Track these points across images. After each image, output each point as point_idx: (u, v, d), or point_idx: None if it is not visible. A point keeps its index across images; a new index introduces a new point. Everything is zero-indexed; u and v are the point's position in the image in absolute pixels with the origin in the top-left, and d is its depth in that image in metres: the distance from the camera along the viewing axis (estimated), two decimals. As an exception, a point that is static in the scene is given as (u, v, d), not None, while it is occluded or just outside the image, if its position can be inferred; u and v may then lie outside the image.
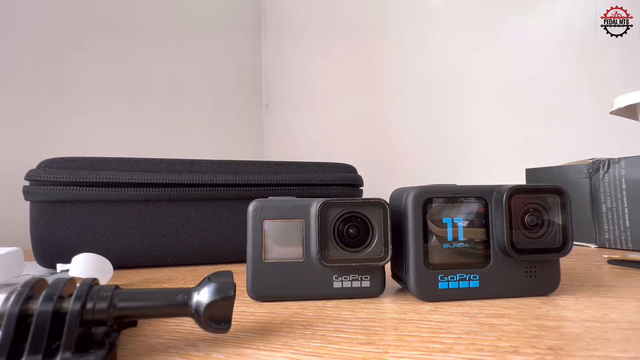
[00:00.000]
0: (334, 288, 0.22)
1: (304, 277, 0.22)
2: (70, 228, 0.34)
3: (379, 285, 0.23)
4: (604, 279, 0.27)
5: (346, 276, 0.22)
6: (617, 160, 0.42)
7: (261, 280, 0.22)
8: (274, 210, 0.22)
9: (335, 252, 0.22)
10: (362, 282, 0.22)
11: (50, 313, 0.14)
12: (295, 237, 0.22)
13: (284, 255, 0.22)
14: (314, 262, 0.22)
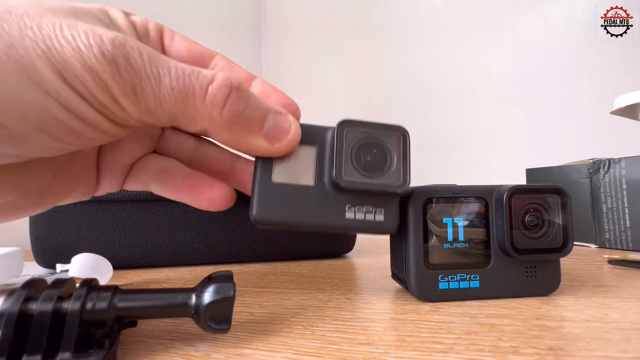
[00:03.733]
0: (347, 219, 0.20)
1: (315, 203, 0.20)
2: (70, 228, 0.34)
3: (393, 220, 0.21)
4: (604, 279, 0.27)
5: (360, 206, 0.20)
6: (618, 160, 0.42)
7: (268, 201, 0.20)
8: None
9: (352, 174, 0.20)
10: (376, 215, 0.20)
11: (50, 313, 0.14)
12: (307, 162, 0.21)
13: (294, 178, 0.20)
14: (327, 188, 0.20)
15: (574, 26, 0.74)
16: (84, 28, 0.16)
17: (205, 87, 0.17)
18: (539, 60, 0.75)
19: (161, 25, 0.22)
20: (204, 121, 0.17)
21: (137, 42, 0.17)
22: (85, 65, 0.15)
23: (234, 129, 0.18)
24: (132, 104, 0.16)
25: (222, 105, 0.17)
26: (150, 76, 0.16)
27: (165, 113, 0.17)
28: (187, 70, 0.17)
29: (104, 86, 0.16)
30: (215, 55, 0.23)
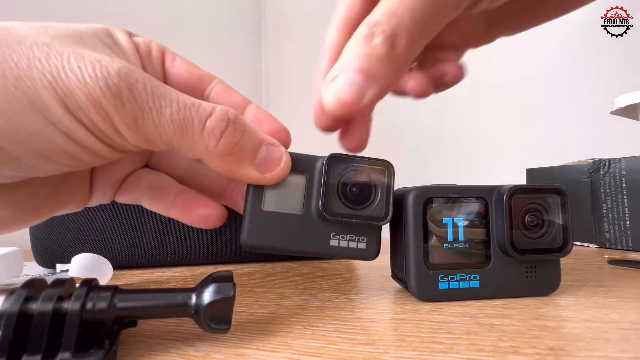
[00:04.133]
0: (331, 246, 0.22)
1: (302, 230, 0.21)
2: (70, 228, 0.34)
3: (374, 249, 0.22)
4: (604, 279, 0.27)
5: (344, 235, 0.22)
6: (618, 160, 0.42)
7: (258, 228, 0.21)
8: None
9: (337, 206, 0.21)
10: (358, 243, 0.22)
11: (50, 313, 0.14)
12: (296, 191, 0.22)
13: (283, 206, 0.22)
14: (314, 217, 0.22)
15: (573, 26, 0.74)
16: (91, 58, 0.16)
17: (204, 121, 0.18)
18: (539, 60, 0.75)
19: (163, 47, 0.22)
20: (200, 151, 0.18)
21: (141, 73, 0.17)
22: (89, 97, 0.15)
23: (228, 160, 0.19)
24: (132, 133, 0.17)
25: (218, 138, 0.18)
26: (152, 108, 0.17)
27: (163, 142, 0.17)
28: (189, 103, 0.17)
29: (107, 117, 0.16)
30: (214, 79, 0.23)
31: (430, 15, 0.17)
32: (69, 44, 0.16)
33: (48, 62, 0.15)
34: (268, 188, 0.21)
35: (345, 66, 0.18)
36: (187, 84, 0.22)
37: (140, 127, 0.17)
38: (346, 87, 0.18)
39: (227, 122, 0.18)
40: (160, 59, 0.22)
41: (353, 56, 0.18)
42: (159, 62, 0.22)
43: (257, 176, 0.20)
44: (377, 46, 0.17)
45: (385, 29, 0.17)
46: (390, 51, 0.17)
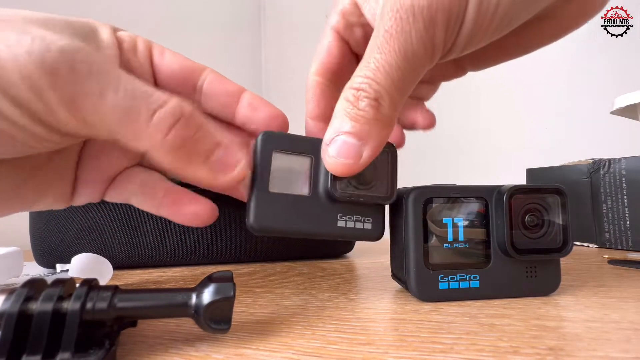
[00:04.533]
0: (338, 227, 0.22)
1: (310, 212, 0.21)
2: (70, 228, 0.34)
3: (380, 229, 0.22)
4: (604, 279, 0.27)
5: (350, 216, 0.22)
6: (618, 160, 0.42)
7: (265, 210, 0.21)
8: (285, 143, 0.22)
9: (344, 186, 0.21)
10: (364, 223, 0.22)
11: (50, 313, 0.14)
12: (303, 172, 0.22)
13: (290, 188, 0.21)
14: (321, 198, 0.22)
15: (574, 26, 0.74)
16: (36, 34, 0.15)
17: (153, 111, 0.17)
18: (539, 59, 0.75)
19: (150, 41, 0.22)
20: (144, 143, 0.17)
21: (92, 55, 0.16)
22: (20, 71, 0.15)
23: (177, 155, 0.18)
24: (68, 114, 0.16)
25: (166, 131, 0.17)
26: (94, 91, 0.16)
27: (105, 128, 0.17)
28: (139, 91, 0.17)
29: (39, 94, 0.15)
30: (205, 69, 0.23)
31: (406, 76, 0.18)
32: (29, 23, 0.16)
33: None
34: (274, 169, 0.21)
35: (339, 130, 0.19)
36: (179, 77, 0.22)
37: (78, 109, 0.16)
38: (344, 150, 0.19)
39: (179, 117, 0.17)
40: (147, 53, 0.22)
41: (344, 119, 0.19)
42: (146, 57, 0.22)
43: (207, 176, 0.19)
44: (363, 109, 0.18)
45: (369, 94, 0.18)
46: (376, 112, 0.18)
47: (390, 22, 0.17)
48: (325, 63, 0.24)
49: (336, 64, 0.24)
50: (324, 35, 0.25)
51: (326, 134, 0.19)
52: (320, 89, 0.25)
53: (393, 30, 0.17)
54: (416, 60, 0.18)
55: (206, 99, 0.23)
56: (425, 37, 0.17)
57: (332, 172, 0.20)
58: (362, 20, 0.23)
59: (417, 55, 0.18)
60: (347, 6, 0.23)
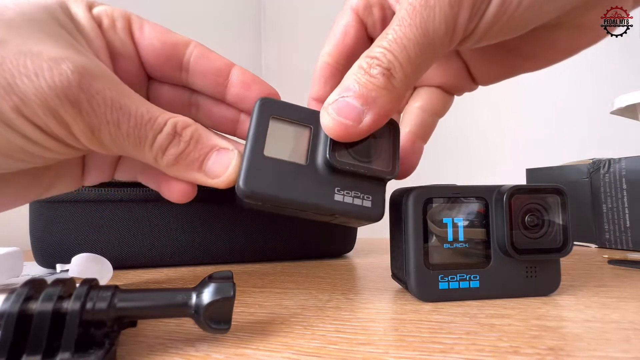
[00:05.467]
0: (335, 201, 0.20)
1: (305, 181, 0.20)
2: (70, 228, 0.34)
3: (380, 208, 0.21)
4: (604, 279, 0.27)
5: (349, 191, 0.20)
6: (618, 160, 0.42)
7: (257, 173, 0.19)
8: (284, 110, 0.21)
9: (344, 155, 0.20)
10: (364, 200, 0.21)
11: (50, 313, 0.14)
12: (301, 141, 0.21)
13: (286, 154, 0.20)
14: (319, 168, 0.20)
15: (574, 26, 0.74)
16: (49, 60, 0.16)
17: (156, 136, 0.18)
18: (539, 60, 0.76)
19: (129, 14, 0.22)
20: (149, 161, 0.19)
21: (105, 82, 0.17)
22: (46, 105, 0.16)
23: (175, 169, 0.20)
24: (88, 140, 0.17)
25: (164, 151, 0.19)
26: (110, 121, 0.17)
27: (117, 149, 0.18)
28: (145, 118, 0.18)
29: (64, 124, 0.16)
30: (190, 42, 0.23)
31: (423, 52, 0.18)
32: (25, 36, 0.16)
33: (2, 66, 0.15)
34: (271, 132, 0.20)
35: (345, 91, 0.18)
36: (162, 55, 0.22)
37: (96, 136, 0.17)
38: (345, 110, 0.18)
39: (173, 135, 0.19)
40: (126, 28, 0.21)
41: (352, 82, 0.18)
42: (126, 33, 0.21)
43: (205, 180, 0.20)
44: (375, 76, 0.18)
45: (382, 63, 0.18)
46: (386, 82, 0.18)
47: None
48: (339, 44, 0.23)
49: (350, 47, 0.24)
50: (341, 15, 0.24)
51: (331, 95, 0.19)
52: (329, 71, 0.24)
53: (417, 4, 0.17)
54: (435, 38, 0.17)
55: (194, 77, 0.23)
56: (449, 14, 0.17)
57: (328, 131, 0.19)
58: (383, 1, 0.22)
59: (438, 33, 0.17)
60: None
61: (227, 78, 0.23)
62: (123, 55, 0.21)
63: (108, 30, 0.21)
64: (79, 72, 0.16)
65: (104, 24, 0.21)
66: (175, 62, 0.22)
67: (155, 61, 0.22)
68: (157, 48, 0.22)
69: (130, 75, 0.22)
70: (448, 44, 0.18)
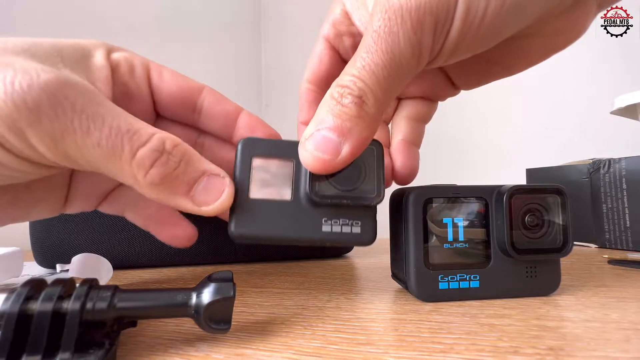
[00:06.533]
0: (323, 232, 0.20)
1: (292, 217, 0.20)
2: (70, 228, 0.34)
3: (370, 232, 0.21)
4: (604, 279, 0.27)
5: (336, 220, 0.21)
6: (618, 160, 0.42)
7: (245, 217, 0.20)
8: (265, 148, 0.21)
9: (325, 188, 0.20)
10: (352, 227, 0.21)
11: (50, 313, 0.14)
12: (284, 177, 0.21)
13: (271, 193, 0.21)
14: (304, 202, 0.21)
15: (574, 26, 0.74)
16: (18, 68, 0.15)
17: (136, 149, 0.17)
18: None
19: (148, 61, 0.22)
20: (128, 179, 0.17)
21: (77, 89, 0.16)
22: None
23: (158, 190, 0.18)
24: (48, 150, 0.16)
25: (147, 168, 0.17)
26: (77, 128, 0.16)
27: (88, 163, 0.17)
28: (123, 128, 0.17)
29: (18, 131, 0.15)
30: (204, 88, 0.23)
31: (392, 76, 0.18)
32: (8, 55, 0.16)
33: None
34: (255, 175, 0.20)
35: (320, 124, 0.18)
36: (179, 99, 0.23)
37: (59, 145, 0.16)
38: (322, 144, 0.18)
39: (160, 152, 0.17)
40: (144, 75, 0.22)
41: (326, 114, 0.18)
42: (143, 79, 0.22)
43: (191, 207, 0.19)
44: (347, 105, 0.18)
45: (353, 91, 0.18)
46: (359, 110, 0.18)
47: (379, 22, 0.17)
48: (316, 71, 0.25)
49: (327, 72, 0.25)
50: (316, 43, 0.25)
51: (306, 130, 0.19)
52: (311, 95, 0.25)
53: (381, 31, 0.17)
54: (403, 62, 0.18)
55: (205, 119, 0.24)
56: (413, 39, 0.17)
57: (308, 167, 0.19)
58: (352, 30, 0.23)
59: (405, 56, 0.17)
60: (337, 16, 0.23)
61: (236, 121, 0.24)
62: (136, 97, 0.22)
63: (125, 75, 0.21)
64: (47, 77, 0.15)
65: (121, 67, 0.21)
66: (190, 105, 0.23)
67: (170, 103, 0.23)
68: (174, 93, 0.22)
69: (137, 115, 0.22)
70: (416, 66, 0.18)
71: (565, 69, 0.74)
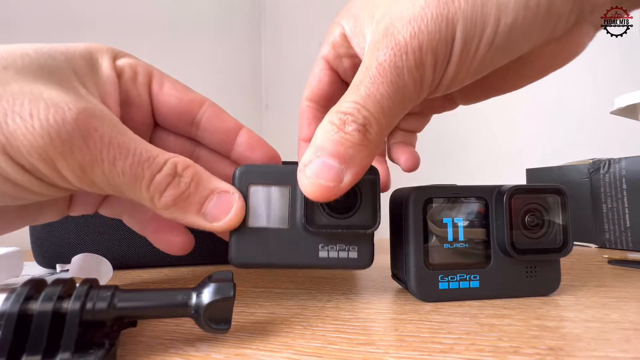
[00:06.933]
0: (320, 258, 0.21)
1: (289, 244, 0.21)
2: (70, 228, 0.34)
3: (367, 257, 0.21)
4: (604, 279, 0.27)
5: (332, 246, 0.21)
6: (618, 160, 0.42)
7: (244, 246, 0.21)
8: (261, 175, 0.21)
9: (320, 217, 0.21)
10: (349, 252, 0.21)
11: (50, 313, 0.14)
12: (281, 204, 0.21)
13: (268, 221, 0.21)
14: (300, 230, 0.21)
15: (574, 26, 0.74)
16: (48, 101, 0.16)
17: (154, 175, 0.18)
18: (539, 60, 0.75)
19: (151, 69, 0.22)
20: (145, 201, 0.19)
21: (102, 120, 0.17)
22: (33, 143, 0.15)
23: (172, 210, 0.19)
24: (77, 179, 0.17)
25: (162, 191, 0.18)
26: (105, 159, 0.17)
27: (111, 189, 0.18)
28: (144, 157, 0.18)
29: (51, 162, 0.16)
30: (204, 102, 0.23)
31: (395, 106, 0.18)
32: (30, 80, 0.16)
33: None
34: (252, 204, 0.21)
35: (319, 151, 0.18)
36: (177, 111, 0.23)
37: (87, 174, 0.17)
38: (323, 171, 0.18)
39: (173, 176, 0.18)
40: (146, 83, 0.22)
41: (326, 142, 0.18)
42: (145, 87, 0.22)
43: (204, 224, 0.19)
44: (350, 133, 0.18)
45: (357, 119, 0.18)
46: (363, 138, 0.18)
47: (385, 56, 0.18)
48: (315, 89, 0.26)
49: (326, 91, 0.26)
50: (316, 63, 0.26)
51: (304, 155, 0.19)
52: (311, 113, 0.26)
53: (386, 64, 0.18)
54: (406, 94, 0.18)
55: (204, 133, 0.24)
56: (415, 74, 0.18)
57: (308, 194, 0.19)
58: (351, 52, 0.24)
59: (408, 89, 0.18)
60: (337, 38, 0.24)
61: (235, 138, 0.24)
62: (136, 104, 0.22)
63: (127, 82, 0.21)
64: (77, 110, 0.16)
65: (125, 74, 0.21)
66: (188, 118, 0.23)
67: (168, 114, 0.23)
68: (173, 104, 0.23)
69: (136, 122, 0.22)
70: (417, 98, 0.19)
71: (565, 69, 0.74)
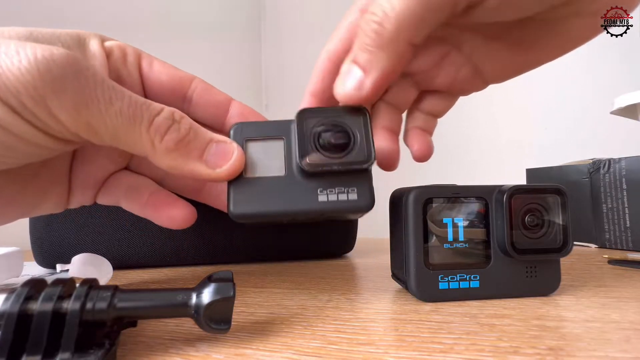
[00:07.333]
0: (320, 202, 0.21)
1: (287, 191, 0.21)
2: (70, 228, 0.34)
3: (368, 197, 0.21)
4: (604, 279, 0.27)
5: (331, 189, 0.21)
6: (618, 160, 0.42)
7: (243, 196, 0.21)
8: (256, 129, 0.22)
9: (316, 157, 0.21)
10: (348, 194, 0.21)
11: (50, 313, 0.14)
12: (276, 154, 0.21)
13: (265, 171, 0.21)
14: (297, 175, 0.21)
15: (574, 26, 0.74)
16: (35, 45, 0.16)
17: (153, 117, 0.18)
18: (539, 60, 0.76)
19: (139, 51, 0.23)
20: (145, 147, 0.18)
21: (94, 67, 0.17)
22: (21, 79, 0.15)
23: (174, 156, 0.19)
24: (71, 118, 0.16)
25: (163, 134, 0.18)
26: (101, 98, 0.17)
27: (108, 132, 0.17)
28: (140, 101, 0.18)
29: (41, 99, 0.15)
30: (194, 79, 0.24)
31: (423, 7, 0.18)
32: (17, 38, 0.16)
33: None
34: (248, 155, 0.21)
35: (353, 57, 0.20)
36: (168, 88, 0.23)
37: (82, 114, 0.16)
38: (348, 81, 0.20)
39: (172, 120, 0.19)
40: (136, 63, 0.22)
41: (356, 49, 0.20)
42: (135, 67, 0.22)
43: (206, 172, 0.20)
44: (367, 32, 0.19)
45: (374, 15, 0.18)
46: (376, 38, 0.19)
47: None
48: (343, 41, 0.24)
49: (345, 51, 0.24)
50: (348, 13, 0.24)
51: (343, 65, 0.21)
52: (329, 66, 0.24)
53: None
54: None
55: (195, 109, 0.24)
56: None
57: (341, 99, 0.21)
58: None
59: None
60: None
61: (227, 110, 0.24)
62: (127, 84, 0.22)
63: (117, 61, 0.21)
64: (66, 52, 0.16)
65: (114, 54, 0.21)
66: (180, 94, 0.23)
67: (159, 93, 0.23)
68: (164, 82, 0.23)
69: None
70: (450, 5, 0.18)
71: (565, 69, 0.74)
